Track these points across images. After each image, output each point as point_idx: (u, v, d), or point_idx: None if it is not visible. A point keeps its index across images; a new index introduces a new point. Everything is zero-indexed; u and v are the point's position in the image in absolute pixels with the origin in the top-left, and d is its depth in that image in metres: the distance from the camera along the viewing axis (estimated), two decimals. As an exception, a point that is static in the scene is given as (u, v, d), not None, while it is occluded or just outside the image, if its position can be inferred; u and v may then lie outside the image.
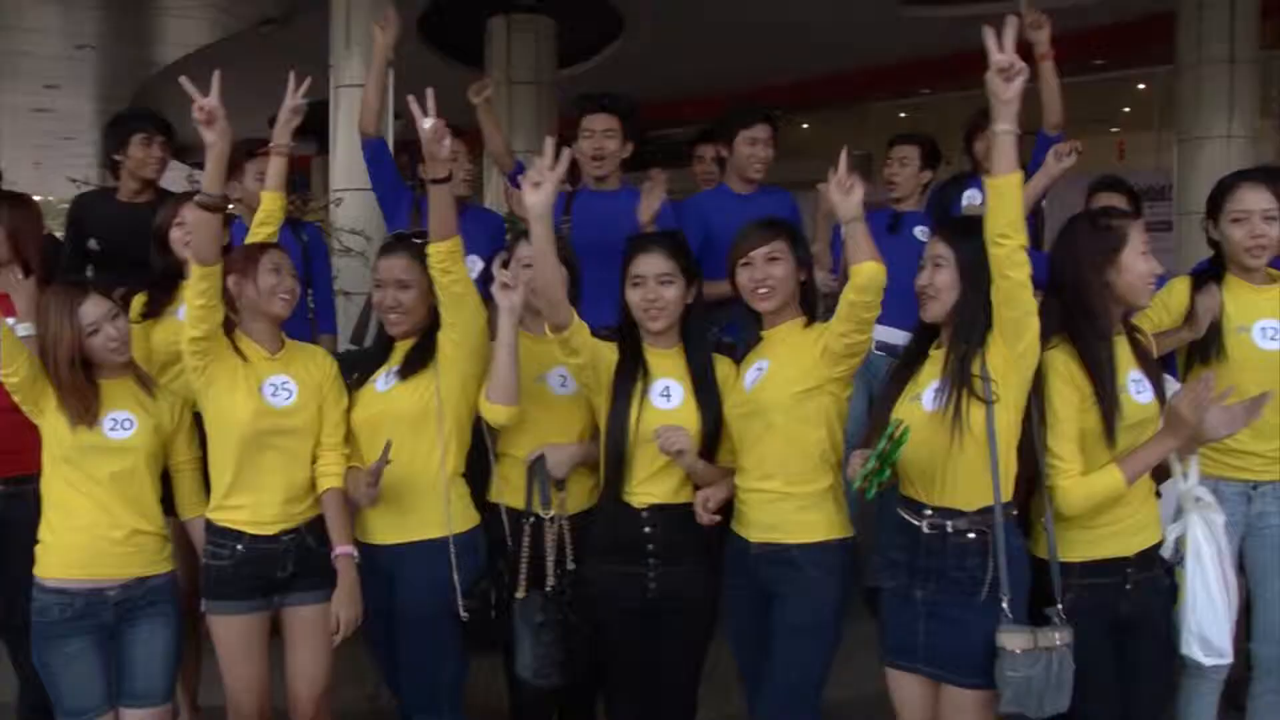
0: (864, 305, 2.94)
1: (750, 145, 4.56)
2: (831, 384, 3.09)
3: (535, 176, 3.04)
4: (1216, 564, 3.03)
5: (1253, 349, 3.42)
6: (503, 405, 3.26)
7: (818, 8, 10.35)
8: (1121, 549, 2.95)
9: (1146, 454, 2.91)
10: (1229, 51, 8.57)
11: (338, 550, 3.31)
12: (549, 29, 9.79)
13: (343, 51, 7.05)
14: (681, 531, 3.20)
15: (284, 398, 3.29)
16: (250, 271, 3.27)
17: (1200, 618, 3.02)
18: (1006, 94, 2.70)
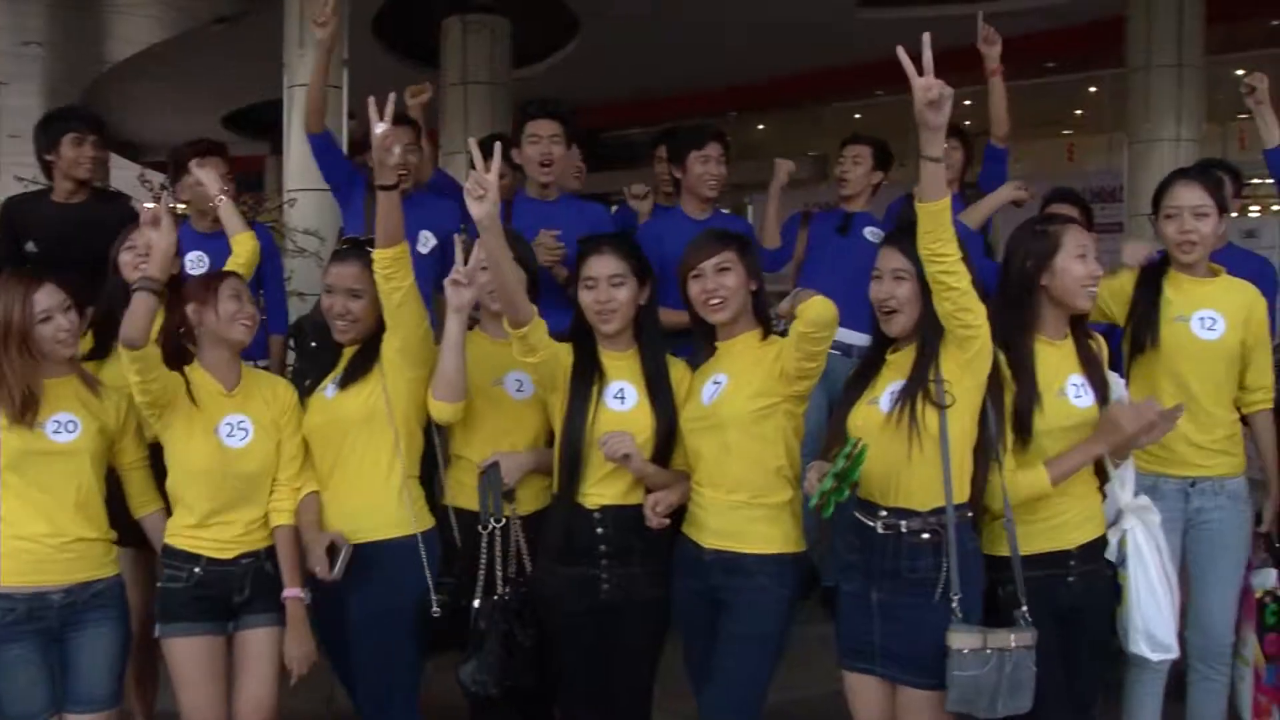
0: (813, 339, 2.95)
1: (703, 164, 4.57)
2: (788, 401, 3.10)
3: (476, 189, 3.01)
4: (1158, 563, 3.11)
5: (1190, 338, 3.48)
6: (448, 402, 3.26)
7: (774, 10, 10.39)
8: (1063, 542, 3.04)
9: (1075, 457, 3.01)
10: (1177, 56, 8.70)
11: (287, 593, 3.28)
12: (504, 29, 9.76)
13: (296, 51, 7.00)
14: (634, 533, 3.19)
15: (240, 438, 3.26)
16: (210, 300, 3.23)
17: (1145, 616, 3.10)
18: (936, 122, 2.71)
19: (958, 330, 2.85)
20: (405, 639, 3.29)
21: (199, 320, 3.24)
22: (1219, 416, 3.50)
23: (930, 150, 2.75)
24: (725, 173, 4.60)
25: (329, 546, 3.23)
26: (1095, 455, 3.03)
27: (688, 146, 4.60)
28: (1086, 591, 3.06)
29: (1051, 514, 3.04)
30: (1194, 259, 3.52)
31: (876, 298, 2.96)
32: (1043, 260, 3.05)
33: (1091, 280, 3.07)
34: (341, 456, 3.33)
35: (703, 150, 4.55)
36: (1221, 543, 3.53)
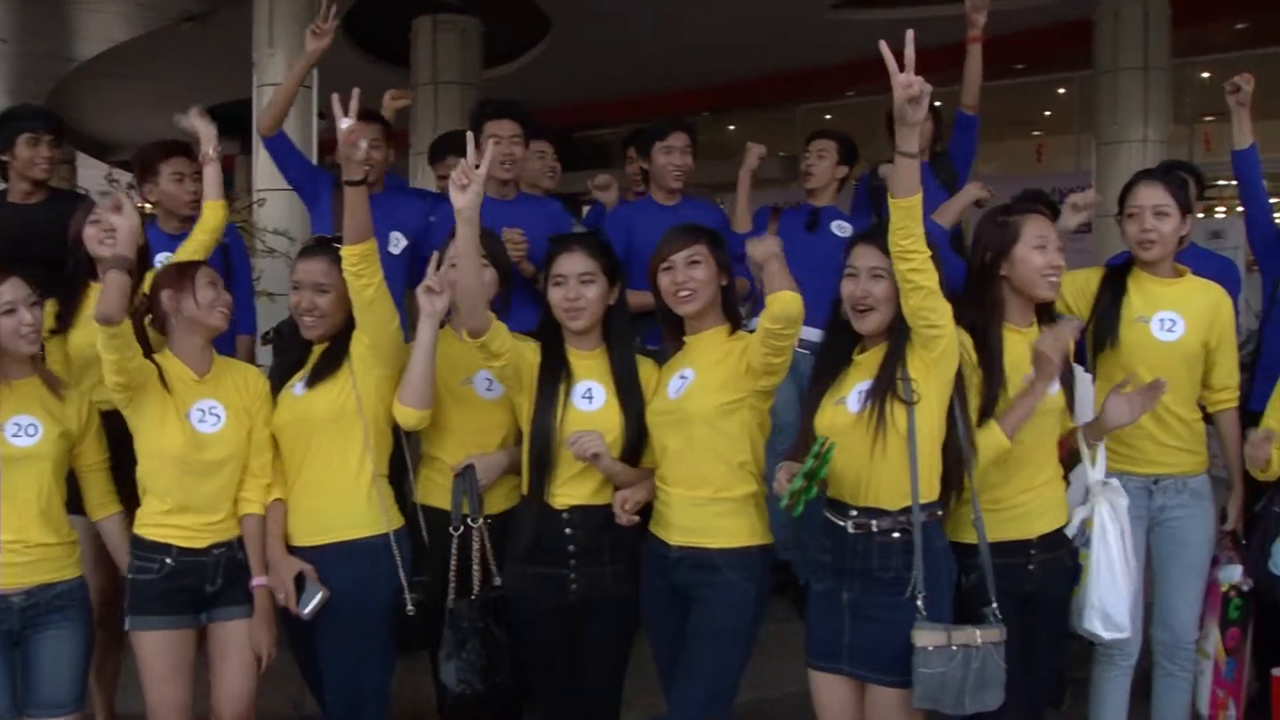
0: (779, 334, 2.95)
1: (665, 155, 4.61)
2: (754, 397, 3.11)
3: (461, 179, 3.03)
4: (1120, 544, 3.18)
5: (1149, 338, 3.51)
6: (413, 409, 3.25)
7: (746, 10, 10.41)
8: (1025, 531, 3.10)
9: (1020, 405, 3.04)
10: (1143, 58, 8.78)
11: (255, 582, 3.27)
12: (475, 29, 9.73)
13: (266, 50, 6.97)
14: (603, 533, 3.19)
15: (212, 424, 3.24)
16: (187, 287, 3.21)
17: (1103, 594, 3.17)
18: (915, 117, 2.73)
19: (923, 329, 2.87)
20: (376, 639, 3.28)
21: (175, 307, 3.22)
22: (1181, 416, 3.54)
23: (906, 146, 2.77)
24: (690, 163, 4.63)
25: (297, 576, 3.23)
26: (1038, 395, 3.04)
27: (652, 138, 4.66)
28: (1045, 579, 3.12)
29: (1015, 504, 3.10)
30: (1154, 257, 3.55)
31: (852, 295, 2.96)
32: (1002, 250, 3.11)
33: (1051, 270, 3.11)
34: (310, 454, 3.31)
35: (665, 140, 4.60)
36: (1184, 540, 3.57)
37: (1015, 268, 3.10)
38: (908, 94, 2.70)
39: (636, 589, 3.25)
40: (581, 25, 11.18)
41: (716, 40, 11.45)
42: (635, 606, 3.28)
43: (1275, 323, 4.33)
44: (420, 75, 9.64)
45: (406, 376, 3.26)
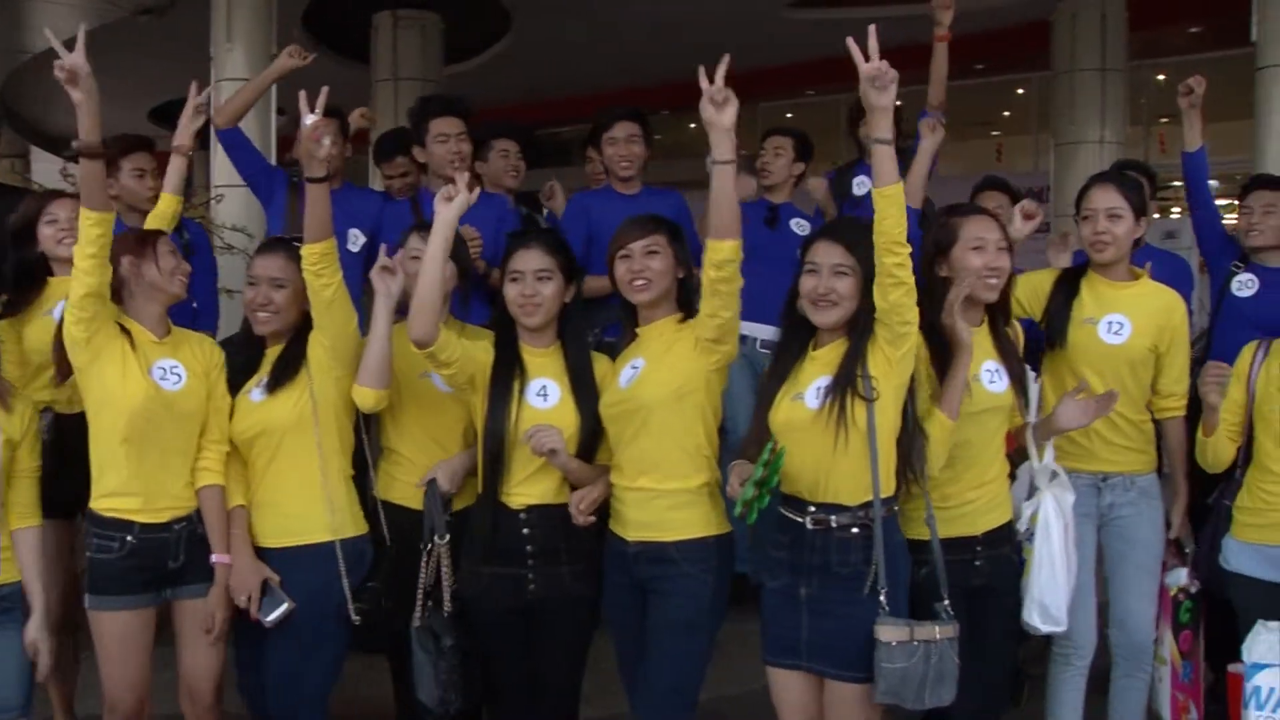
0: (723, 279, 2.95)
1: (611, 146, 4.62)
2: (707, 377, 3.11)
3: (450, 193, 3.07)
4: (1062, 539, 3.22)
5: (1095, 341, 3.54)
6: (371, 389, 3.25)
7: (706, 8, 10.43)
8: (971, 528, 3.14)
9: (951, 381, 3.05)
10: (1100, 60, 8.89)
11: (216, 558, 3.25)
12: (436, 25, 9.71)
13: (224, 44, 6.92)
14: (560, 532, 3.19)
15: (173, 381, 3.21)
16: (148, 253, 3.20)
17: (1042, 587, 3.21)
18: (882, 100, 2.76)
19: (896, 326, 2.86)
20: (325, 645, 3.28)
21: (136, 273, 3.20)
22: (1129, 417, 3.56)
23: (879, 132, 2.78)
24: (639, 151, 4.61)
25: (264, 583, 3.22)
26: (965, 364, 3.04)
27: (600, 130, 4.68)
28: (992, 574, 3.17)
29: (963, 501, 3.13)
30: (1108, 259, 3.58)
31: (814, 290, 2.95)
32: (941, 250, 3.14)
33: (989, 271, 3.13)
34: (274, 460, 3.29)
35: (610, 131, 4.62)
36: (1134, 538, 3.60)
37: (953, 268, 3.13)
38: (868, 74, 2.73)
39: (594, 588, 3.25)
40: (542, 22, 11.16)
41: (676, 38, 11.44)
42: (593, 606, 3.27)
43: (1225, 320, 4.39)
44: (380, 71, 9.61)
45: (364, 358, 3.25)
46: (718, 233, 2.92)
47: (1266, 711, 3.28)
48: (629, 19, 10.93)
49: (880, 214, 2.80)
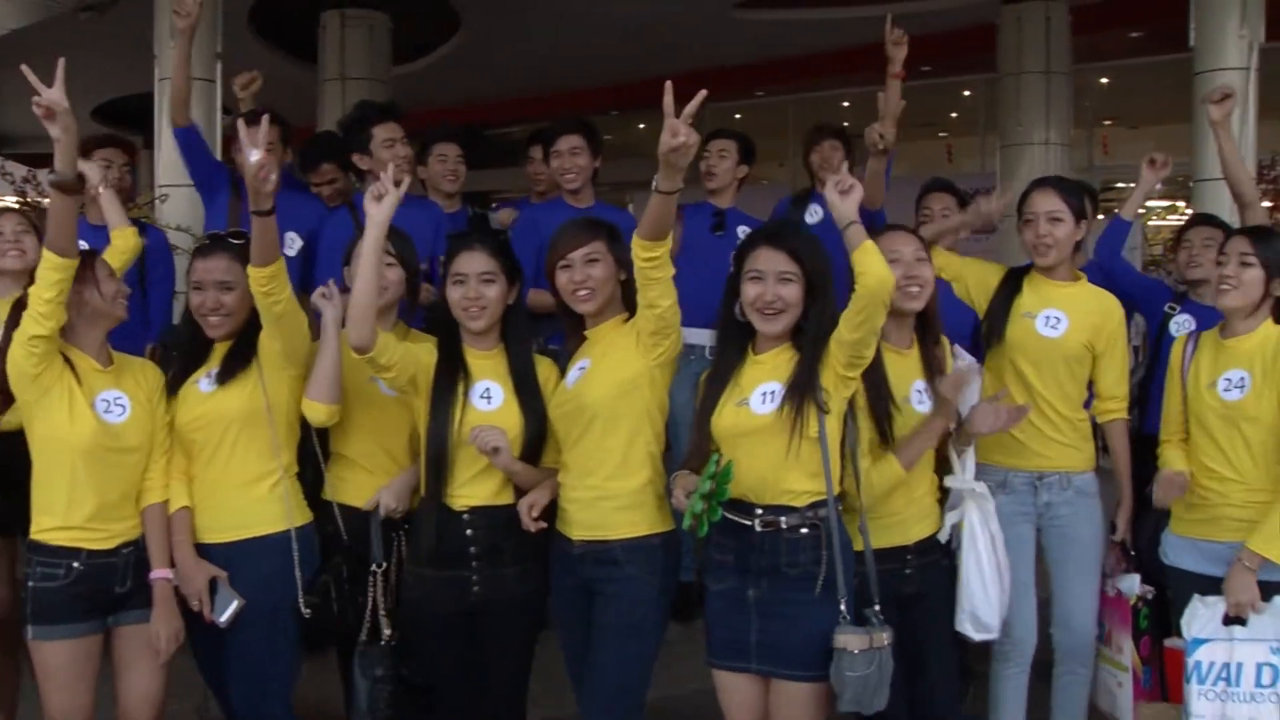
0: (654, 266, 2.94)
1: (557, 158, 4.66)
2: (651, 372, 3.10)
3: (379, 191, 3.04)
4: (990, 549, 3.26)
5: (1032, 333, 3.60)
6: (322, 403, 3.25)
7: (654, 8, 10.43)
8: (901, 538, 3.20)
9: (918, 440, 3.15)
10: (1045, 63, 8.98)
11: (154, 574, 3.21)
12: (384, 25, 9.63)
13: (167, 42, 6.81)
14: (504, 533, 3.18)
15: (118, 414, 3.17)
16: (89, 278, 3.15)
17: (972, 597, 3.26)
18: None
19: (854, 358, 2.91)
20: (284, 634, 3.27)
21: (78, 300, 3.14)
22: (1064, 414, 3.62)
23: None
24: (583, 163, 4.63)
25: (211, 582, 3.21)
26: (938, 431, 3.16)
27: (546, 144, 4.75)
28: (923, 581, 3.22)
29: (892, 511, 3.18)
30: (1049, 262, 3.64)
31: (761, 299, 2.96)
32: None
33: (906, 281, 3.18)
34: (220, 451, 3.27)
35: (554, 145, 4.67)
36: (1073, 537, 3.64)
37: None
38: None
39: (539, 589, 3.25)
40: (491, 22, 11.12)
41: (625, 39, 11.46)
42: (539, 607, 3.28)
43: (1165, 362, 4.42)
44: (328, 70, 9.51)
45: (314, 374, 3.24)
46: (647, 238, 2.92)
47: (1207, 685, 3.33)
48: (578, 20, 10.91)
49: (865, 266, 2.81)
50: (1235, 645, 3.31)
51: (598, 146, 4.71)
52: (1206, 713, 3.32)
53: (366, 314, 3.04)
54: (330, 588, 3.28)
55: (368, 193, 3.08)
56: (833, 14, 10.30)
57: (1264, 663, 3.28)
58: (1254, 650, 3.29)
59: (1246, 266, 3.40)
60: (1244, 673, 3.29)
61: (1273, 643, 3.28)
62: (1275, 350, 3.38)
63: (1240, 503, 3.37)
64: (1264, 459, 3.37)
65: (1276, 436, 3.36)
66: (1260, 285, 3.40)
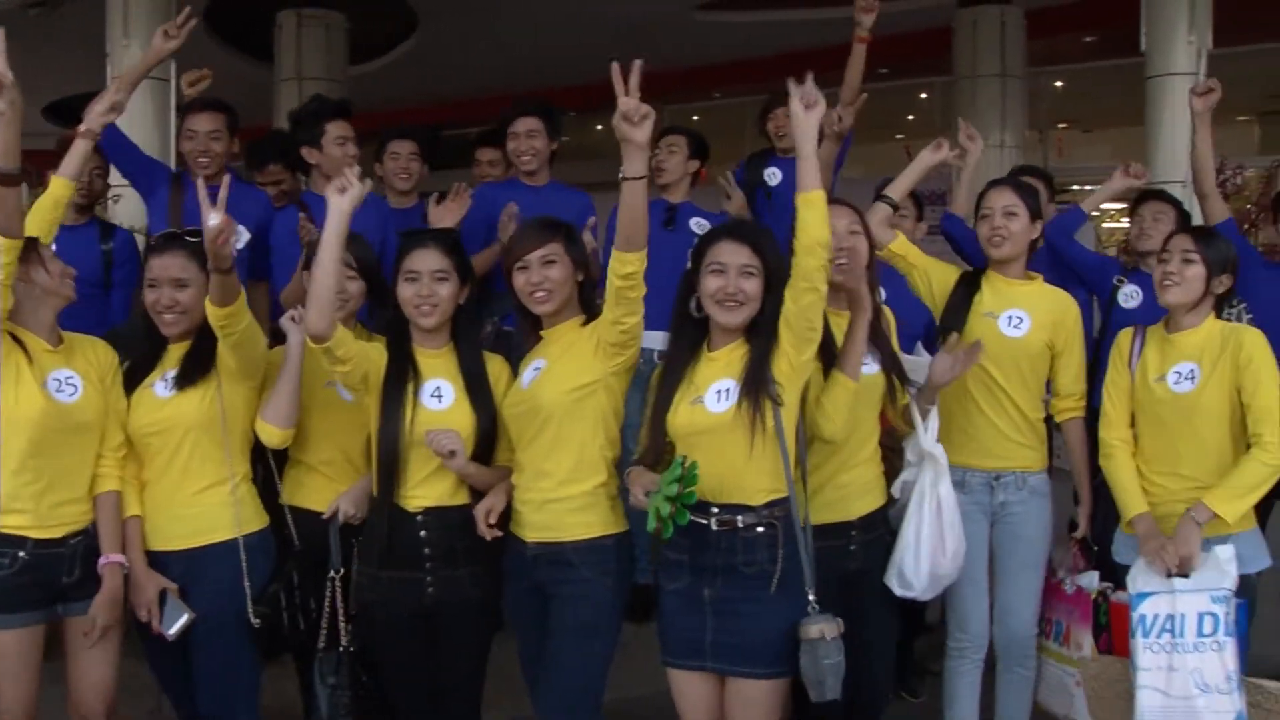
0: (628, 287, 2.95)
1: (514, 140, 4.68)
2: (608, 379, 3.10)
3: (343, 184, 3.01)
4: (935, 513, 3.27)
5: (996, 333, 3.63)
6: (276, 427, 3.24)
7: (614, 10, 10.44)
8: (845, 513, 3.22)
9: (851, 346, 3.15)
10: (1000, 66, 9.07)
11: (106, 559, 3.17)
12: (340, 24, 9.57)
13: (120, 40, 6.75)
14: (458, 534, 3.17)
15: (69, 393, 3.14)
16: (34, 259, 3.11)
17: (903, 553, 3.28)
18: (811, 129, 2.82)
19: (804, 330, 2.91)
20: (246, 638, 3.24)
21: (26, 278, 3.10)
22: (1024, 412, 3.65)
23: (807, 145, 2.84)
24: (542, 146, 4.67)
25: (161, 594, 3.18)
26: (862, 326, 3.15)
27: (504, 126, 4.77)
28: (867, 557, 3.25)
29: (836, 485, 3.20)
30: (1004, 255, 3.68)
31: (722, 291, 2.96)
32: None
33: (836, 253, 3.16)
34: (175, 459, 3.25)
35: (512, 126, 4.69)
36: (1021, 534, 3.67)
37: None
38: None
39: (494, 590, 3.24)
40: (449, 22, 11.08)
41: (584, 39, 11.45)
42: (493, 609, 3.27)
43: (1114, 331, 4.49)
44: (284, 70, 9.45)
45: (273, 398, 3.23)
46: (625, 245, 2.92)
47: (1152, 638, 3.36)
48: (536, 20, 10.89)
49: (804, 219, 2.84)
50: (1177, 597, 3.35)
51: (555, 129, 4.73)
52: (1153, 665, 3.35)
53: (326, 303, 3.01)
54: (280, 597, 3.26)
55: (331, 185, 3.04)
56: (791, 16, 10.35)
57: (1205, 612, 3.31)
58: (1195, 601, 3.33)
59: (1189, 263, 3.46)
60: (1187, 623, 3.32)
61: (1212, 591, 3.32)
62: (1221, 344, 3.43)
63: (1189, 500, 3.41)
64: (1215, 451, 3.41)
65: (1225, 429, 3.41)
66: (1201, 282, 3.46)
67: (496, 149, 5.32)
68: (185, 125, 4.46)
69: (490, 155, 5.41)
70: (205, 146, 4.38)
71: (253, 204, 4.44)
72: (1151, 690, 3.33)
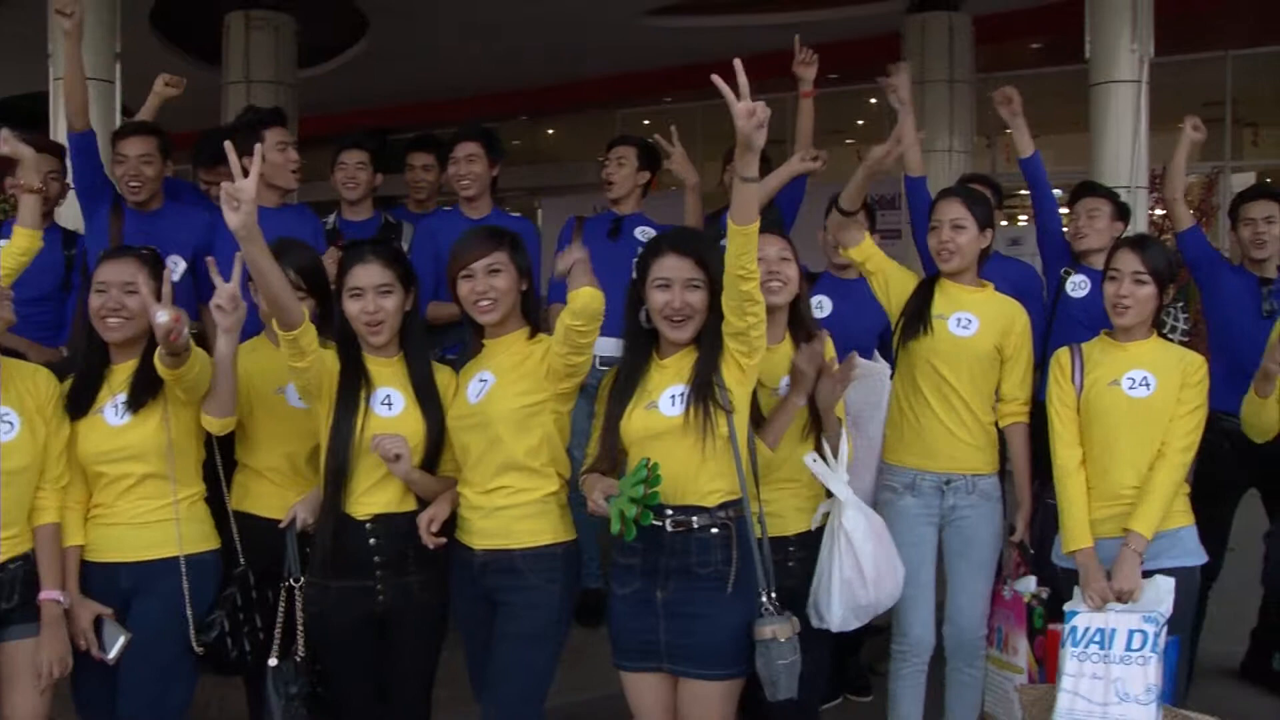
0: (579, 331, 2.96)
1: (453, 165, 4.72)
2: (555, 400, 3.12)
3: (230, 200, 2.86)
4: (846, 549, 3.26)
5: (946, 334, 3.69)
6: (216, 418, 3.19)
7: (564, 15, 10.43)
8: (781, 529, 3.26)
9: (776, 418, 3.21)
10: (948, 72, 9.13)
11: (44, 595, 3.11)
12: (289, 27, 9.48)
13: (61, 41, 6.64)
14: (408, 541, 3.15)
15: (4, 431, 3.07)
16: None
17: (817, 587, 3.30)
18: (758, 142, 2.72)
19: (753, 340, 2.93)
20: (181, 657, 3.20)
21: None
22: (976, 414, 3.71)
23: (747, 172, 2.78)
24: (482, 170, 4.70)
25: (96, 620, 3.13)
26: (796, 406, 3.23)
27: (428, 151, 4.90)
28: (805, 574, 3.28)
29: (772, 502, 3.23)
30: (953, 268, 3.73)
31: (669, 306, 2.98)
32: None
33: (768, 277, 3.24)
34: (127, 486, 3.20)
35: (452, 152, 4.74)
36: (970, 538, 3.73)
37: None
38: (754, 121, 2.69)
39: (443, 596, 3.23)
40: (399, 26, 11.02)
41: (535, 43, 11.44)
42: (444, 614, 3.25)
43: (1061, 320, 4.59)
44: (232, 73, 9.33)
45: (211, 389, 3.17)
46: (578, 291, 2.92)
47: (1080, 647, 3.42)
48: (488, 24, 10.86)
49: (736, 249, 2.82)
50: (1110, 614, 3.42)
51: (496, 154, 4.73)
52: (1077, 672, 3.41)
53: (283, 301, 2.97)
54: (223, 623, 3.22)
55: (223, 201, 2.88)
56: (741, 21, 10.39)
57: (1135, 629, 3.38)
58: (1128, 619, 3.40)
59: (1140, 284, 3.51)
60: (1116, 637, 3.39)
61: (1146, 612, 3.38)
62: (1170, 358, 3.52)
63: (1133, 499, 3.47)
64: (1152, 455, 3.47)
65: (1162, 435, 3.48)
66: (1154, 300, 3.52)
67: (429, 154, 5.32)
68: (115, 150, 4.41)
69: (424, 160, 5.39)
70: (136, 171, 4.34)
71: (189, 230, 4.38)
72: (1071, 694, 3.40)
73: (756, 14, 10.02)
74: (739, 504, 2.98)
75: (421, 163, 5.40)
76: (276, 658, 3.25)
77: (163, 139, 4.43)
